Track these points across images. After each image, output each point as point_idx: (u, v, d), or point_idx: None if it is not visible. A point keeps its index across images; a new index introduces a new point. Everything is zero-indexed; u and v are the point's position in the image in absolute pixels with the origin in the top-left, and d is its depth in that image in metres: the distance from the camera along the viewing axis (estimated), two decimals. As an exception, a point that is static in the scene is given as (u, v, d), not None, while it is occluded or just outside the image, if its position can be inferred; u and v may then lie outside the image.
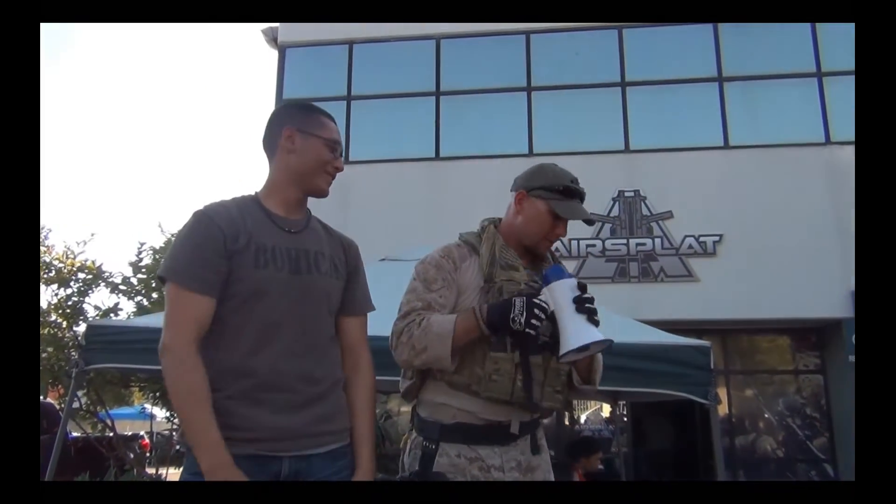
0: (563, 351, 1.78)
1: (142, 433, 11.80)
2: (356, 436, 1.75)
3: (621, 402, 7.58)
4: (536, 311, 1.76)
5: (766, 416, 9.05)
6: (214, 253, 1.64)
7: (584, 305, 1.78)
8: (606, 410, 10.42)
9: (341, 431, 1.73)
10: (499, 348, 1.87)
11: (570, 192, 1.97)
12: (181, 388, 1.55)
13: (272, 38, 9.87)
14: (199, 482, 1.52)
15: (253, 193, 1.82)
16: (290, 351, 1.66)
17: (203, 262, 1.63)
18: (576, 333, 1.76)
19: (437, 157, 9.16)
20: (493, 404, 1.89)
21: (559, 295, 1.80)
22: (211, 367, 1.60)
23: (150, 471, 9.07)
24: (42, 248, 8.04)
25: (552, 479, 2.00)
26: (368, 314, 1.95)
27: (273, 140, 1.81)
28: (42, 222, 13.29)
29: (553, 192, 1.97)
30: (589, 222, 2.04)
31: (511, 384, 1.86)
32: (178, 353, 1.57)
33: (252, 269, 1.65)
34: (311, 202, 1.89)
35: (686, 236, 8.38)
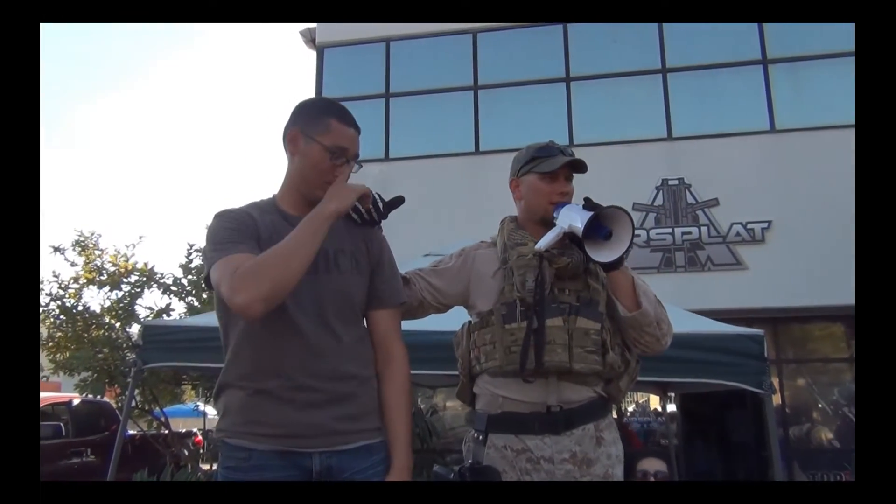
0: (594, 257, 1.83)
1: (195, 430, 12.11)
2: (390, 434, 1.72)
3: (670, 394, 7.47)
4: None
5: (821, 405, 8.82)
6: (251, 230, 1.66)
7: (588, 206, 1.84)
8: (654, 402, 10.29)
9: (371, 430, 1.71)
10: (510, 319, 1.92)
11: (548, 150, 2.03)
12: (264, 262, 1.53)
13: (310, 39, 9.96)
14: (255, 482, 1.55)
15: (272, 196, 1.81)
16: (316, 351, 1.65)
17: (241, 237, 1.63)
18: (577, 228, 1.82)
19: (477, 151, 9.13)
20: (529, 386, 1.89)
21: (565, 217, 1.89)
22: (238, 368, 1.64)
23: (205, 466, 9.29)
24: (95, 252, 8.30)
25: (615, 473, 1.91)
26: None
27: (284, 139, 1.77)
28: (93, 227, 13.78)
29: (533, 161, 2.03)
30: (580, 167, 2.01)
31: (524, 352, 1.87)
32: (240, 275, 1.51)
33: None
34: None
35: (733, 224, 8.19)
